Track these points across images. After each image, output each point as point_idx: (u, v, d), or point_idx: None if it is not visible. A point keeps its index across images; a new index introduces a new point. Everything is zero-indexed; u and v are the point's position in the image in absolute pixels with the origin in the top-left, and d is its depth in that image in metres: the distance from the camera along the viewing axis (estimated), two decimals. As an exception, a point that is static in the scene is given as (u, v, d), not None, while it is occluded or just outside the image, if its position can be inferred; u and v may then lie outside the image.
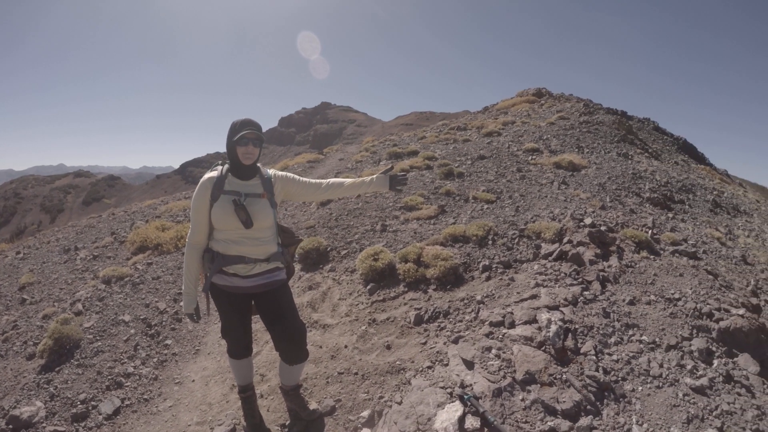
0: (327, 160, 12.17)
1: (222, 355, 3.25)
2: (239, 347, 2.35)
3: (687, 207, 7.57)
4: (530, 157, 8.58)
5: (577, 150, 9.44)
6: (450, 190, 6.40)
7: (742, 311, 3.49)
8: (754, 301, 4.04)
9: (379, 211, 5.83)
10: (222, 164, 2.16)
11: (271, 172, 2.24)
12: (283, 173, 2.31)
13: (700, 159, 18.28)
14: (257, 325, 3.14)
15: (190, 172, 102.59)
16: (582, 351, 2.89)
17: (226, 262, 2.06)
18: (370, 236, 5.11)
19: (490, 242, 4.56)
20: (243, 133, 1.93)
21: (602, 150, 9.75)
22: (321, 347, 3.24)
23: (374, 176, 2.36)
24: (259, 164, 2.22)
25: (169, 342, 3.53)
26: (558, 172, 7.62)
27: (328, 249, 4.91)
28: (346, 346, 3.21)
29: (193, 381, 2.99)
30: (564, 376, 2.60)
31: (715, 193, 9.24)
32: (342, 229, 5.40)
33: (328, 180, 2.38)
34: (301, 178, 2.32)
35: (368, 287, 4.02)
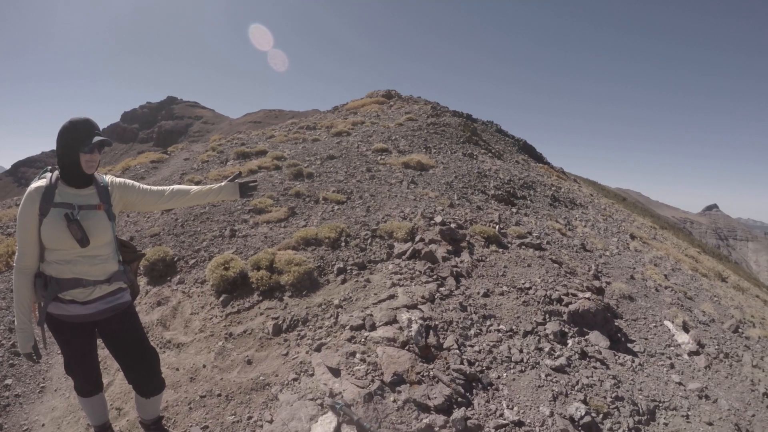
0: (171, 159, 22.79)
1: (71, 390, 5.86)
2: (87, 384, 4.19)
3: (529, 202, 15.69)
4: (379, 157, 17.73)
5: (425, 150, 19.85)
6: (300, 191, 13.15)
7: (587, 294, 8.62)
8: (596, 284, 9.54)
9: (227, 215, 11.73)
10: (51, 170, 3.72)
11: (107, 178, 3.97)
12: (122, 180, 4.12)
13: (539, 158, 42.60)
14: (105, 350, 5.18)
15: (23, 173, 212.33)
16: (445, 346, 6.38)
17: (61, 288, 3.68)
18: (219, 243, 10.25)
19: (343, 244, 9.55)
20: (94, 140, 3.58)
21: (449, 150, 20.91)
22: (178, 369, 6.25)
23: (222, 184, 4.66)
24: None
25: (9, 382, 6.26)
26: (407, 171, 16.18)
27: (176, 259, 9.70)
28: (204, 366, 6.30)
29: (43, 425, 5.57)
30: (431, 372, 5.78)
31: (553, 189, 20.26)
32: (189, 236, 10.73)
33: (172, 187, 4.45)
34: (141, 186, 4.21)
35: (221, 299, 7.99)
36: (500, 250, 10.28)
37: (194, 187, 4.55)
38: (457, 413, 5.35)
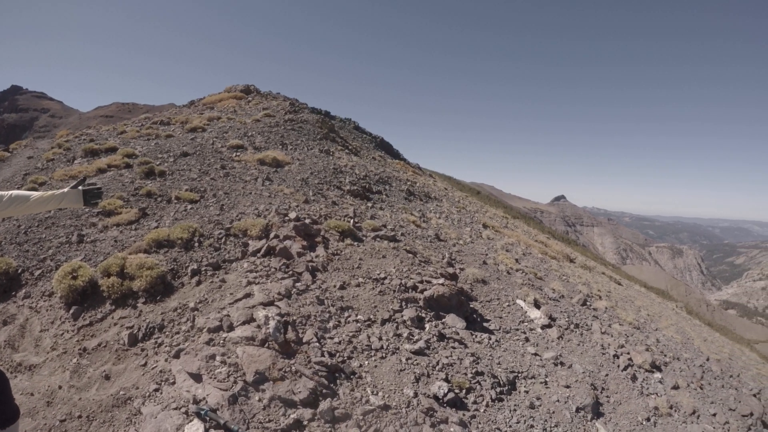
0: (14, 158, 20.62)
1: None
2: None
3: (384, 197, 16.06)
4: (234, 154, 17.67)
5: (281, 147, 20.19)
6: (151, 190, 12.73)
7: (441, 280, 9.02)
8: (450, 270, 10.05)
9: (74, 219, 11.22)
10: None
11: None
12: None
13: (395, 155, 44.49)
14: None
15: None
16: (305, 340, 6.45)
17: None
18: (66, 250, 9.81)
19: (196, 244, 9.49)
20: None
21: (305, 147, 21.58)
22: (32, 394, 5.83)
23: (65, 190, 4.36)
24: None
25: None
26: (262, 168, 16.33)
27: (20, 271, 9.07)
28: (60, 387, 5.86)
29: None
30: (293, 367, 5.83)
31: (408, 183, 20.98)
32: (33, 245, 10.17)
33: (10, 192, 4.05)
34: None
35: (71, 311, 7.58)
36: (355, 243, 10.55)
37: (34, 194, 4.22)
38: (324, 404, 5.47)
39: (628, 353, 11.13)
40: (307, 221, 10.46)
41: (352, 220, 11.78)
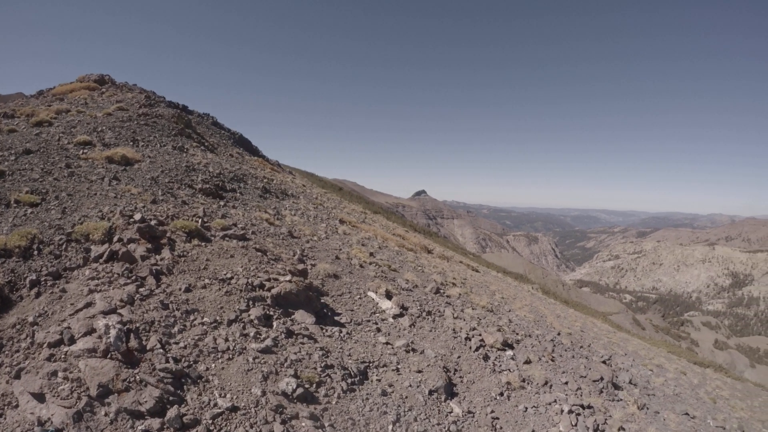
0: None
1: None
2: None
3: (238, 195, 15.83)
4: (81, 151, 16.12)
5: (132, 143, 19.11)
6: None
7: (289, 277, 9.00)
8: (300, 267, 10.06)
9: None
10: None
11: None
12: None
13: (254, 151, 43.32)
14: None
15: None
16: (149, 347, 6.25)
17: None
18: None
19: (35, 252, 8.81)
20: None
21: (158, 143, 20.46)
22: None
23: None
24: None
25: None
26: (110, 167, 15.16)
27: None
28: None
29: None
30: (138, 377, 5.65)
31: (265, 180, 20.61)
32: None
33: None
34: None
35: None
36: (203, 243, 10.29)
37: None
38: (171, 412, 5.38)
39: (480, 335, 11.64)
40: (153, 222, 10.01)
41: (200, 220, 11.43)
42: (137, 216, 9.95)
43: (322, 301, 9.85)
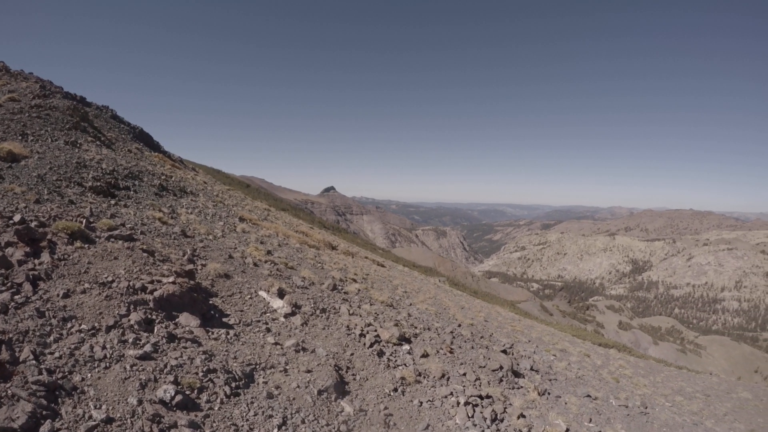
0: None
1: None
2: None
3: (132, 193, 15.27)
4: None
5: (21, 137, 17.40)
6: None
7: (172, 279, 8.76)
8: (189, 267, 9.80)
9: None
10: None
11: None
12: None
13: (155, 147, 41.38)
14: None
15: None
16: (21, 359, 5.93)
17: None
18: None
19: None
20: None
21: (50, 138, 18.71)
22: None
23: None
24: None
25: None
26: None
27: None
28: None
29: None
30: (10, 391, 5.35)
31: (162, 177, 20.01)
32: None
33: None
34: None
35: None
36: (86, 245, 9.78)
37: None
38: (45, 428, 5.18)
39: (375, 330, 11.71)
40: (34, 224, 9.45)
41: (85, 220, 10.78)
42: (17, 217, 9.31)
43: (210, 302, 9.64)
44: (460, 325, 17.14)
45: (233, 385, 7.37)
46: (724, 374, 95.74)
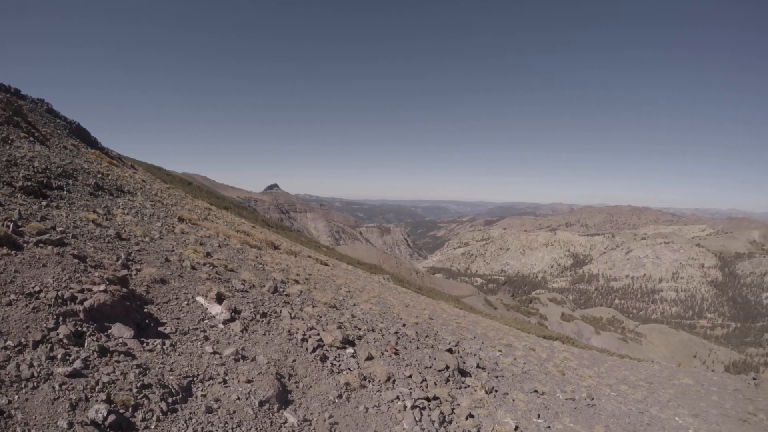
0: None
1: None
2: None
3: (66, 193, 14.69)
4: None
5: None
6: None
7: (104, 287, 8.34)
8: (122, 273, 9.37)
9: None
10: None
11: None
12: None
13: (93, 143, 40.04)
14: None
15: None
16: None
17: None
18: None
19: None
20: None
21: None
22: None
23: None
24: None
25: None
26: None
27: None
28: None
29: None
30: None
31: (99, 176, 19.29)
32: None
33: None
34: None
35: None
36: (13, 252, 9.14)
37: None
38: None
39: (318, 334, 11.51)
40: (-49, 232, 8.79)
41: (13, 224, 10.10)
42: (-64, 225, 8.59)
43: (145, 310, 9.21)
44: (404, 325, 17.06)
45: (170, 400, 7.04)
46: (664, 361, 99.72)
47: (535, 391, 15.03)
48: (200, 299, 10.60)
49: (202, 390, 7.72)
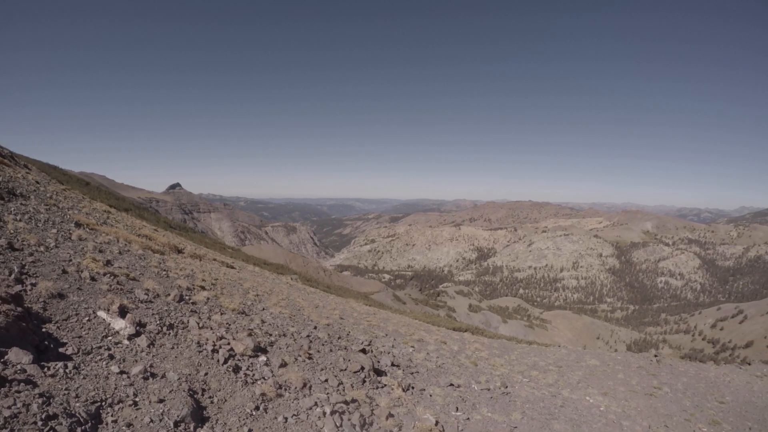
0: None
1: None
2: None
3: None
4: None
5: None
6: None
7: (-7, 307, 7.57)
8: (16, 289, 8.67)
9: None
10: None
11: None
12: None
13: None
14: None
15: None
16: None
17: None
18: None
19: None
20: None
21: None
22: None
23: None
24: None
25: None
26: None
27: None
28: None
29: None
30: None
31: (-12, 180, 16.74)
32: None
33: None
34: None
35: None
36: None
37: None
38: None
39: (229, 344, 11.19)
40: None
41: None
42: None
43: (43, 329, 8.48)
44: (316, 327, 16.90)
45: (78, 430, 6.52)
46: (570, 344, 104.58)
47: (451, 385, 15.27)
48: (102, 314, 9.89)
49: (112, 415, 7.23)
